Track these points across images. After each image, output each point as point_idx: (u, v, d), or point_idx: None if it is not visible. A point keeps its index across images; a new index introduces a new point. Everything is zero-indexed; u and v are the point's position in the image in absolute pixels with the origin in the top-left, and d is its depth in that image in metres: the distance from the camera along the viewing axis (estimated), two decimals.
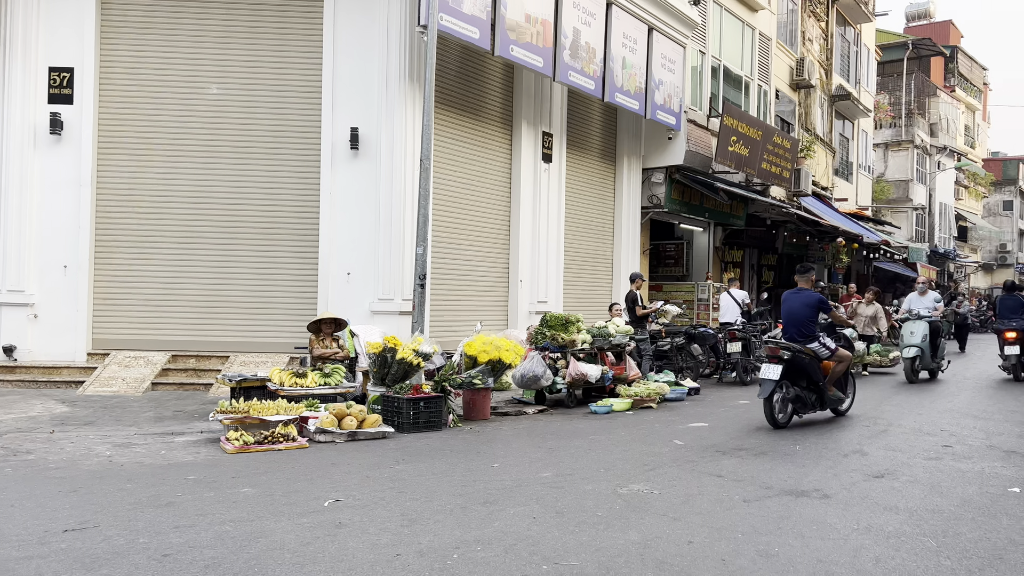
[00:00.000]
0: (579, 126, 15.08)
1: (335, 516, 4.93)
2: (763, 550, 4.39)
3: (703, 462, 6.73)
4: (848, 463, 6.76)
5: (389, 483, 5.83)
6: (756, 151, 17.67)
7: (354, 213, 11.03)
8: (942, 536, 4.71)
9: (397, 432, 7.85)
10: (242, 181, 11.29)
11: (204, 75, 11.29)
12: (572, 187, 14.78)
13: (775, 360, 8.39)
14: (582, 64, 13.03)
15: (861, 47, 28.65)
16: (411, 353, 8.52)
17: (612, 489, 5.71)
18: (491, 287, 13.11)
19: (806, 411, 8.79)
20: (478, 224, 12.77)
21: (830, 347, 8.78)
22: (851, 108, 27.22)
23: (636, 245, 16.53)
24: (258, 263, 11.29)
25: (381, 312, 10.84)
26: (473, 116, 12.60)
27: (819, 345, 8.69)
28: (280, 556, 4.18)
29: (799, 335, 8.68)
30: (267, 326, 11.23)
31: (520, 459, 6.81)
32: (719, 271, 19.35)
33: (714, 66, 18.19)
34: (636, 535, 4.62)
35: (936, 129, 38.40)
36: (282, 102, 11.30)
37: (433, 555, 4.23)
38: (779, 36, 21.59)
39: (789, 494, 5.66)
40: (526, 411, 9.50)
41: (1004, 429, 8.66)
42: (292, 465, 6.43)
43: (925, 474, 6.38)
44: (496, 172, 13.15)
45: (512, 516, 4.98)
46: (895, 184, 35.35)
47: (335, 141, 11.04)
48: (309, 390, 8.33)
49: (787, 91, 22.45)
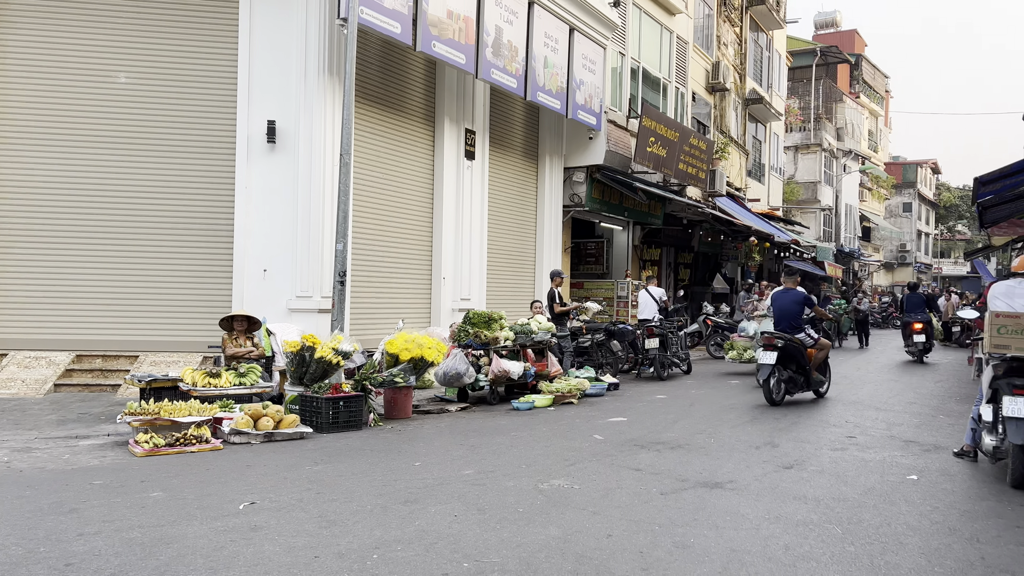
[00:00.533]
0: (502, 124, 15.12)
1: (250, 519, 4.80)
2: (679, 541, 4.50)
3: (622, 456, 6.84)
4: (760, 455, 6.99)
5: (307, 484, 5.72)
6: (673, 152, 18.07)
7: (271, 208, 10.76)
8: (847, 523, 4.93)
9: (316, 432, 7.71)
10: (152, 173, 10.86)
11: (111, 63, 10.81)
12: (495, 185, 14.81)
13: (771, 348, 9.75)
14: (504, 62, 13.06)
15: (773, 53, 29.67)
16: (330, 352, 8.38)
17: (533, 485, 5.75)
18: (413, 284, 13.01)
19: (795, 391, 10.24)
20: (400, 221, 12.65)
21: (814, 337, 10.42)
22: (763, 112, 28.14)
23: (558, 243, 16.68)
24: (169, 259, 10.89)
25: (299, 310, 10.61)
26: (395, 111, 12.47)
27: (805, 335, 10.21)
28: (192, 561, 4.05)
29: (788, 327, 10.14)
30: (179, 324, 10.84)
31: (442, 457, 6.78)
32: (638, 269, 19.72)
33: (633, 68, 18.52)
34: (556, 530, 4.66)
35: (842, 133, 40.11)
36: (195, 93, 10.92)
37: (352, 556, 4.17)
38: (696, 40, 22.15)
39: (704, 486, 5.82)
40: (449, 409, 9.47)
41: (903, 420, 9.13)
42: (205, 467, 6.24)
43: (831, 464, 6.66)
44: (418, 168, 13.05)
45: (433, 514, 4.95)
46: (804, 186, 36.75)
47: (251, 134, 10.74)
48: (223, 390, 8.09)
49: (703, 94, 23.04)
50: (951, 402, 10.72)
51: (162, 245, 10.88)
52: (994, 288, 6.97)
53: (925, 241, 61.07)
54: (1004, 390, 5.98)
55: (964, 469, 6.55)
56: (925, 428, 8.59)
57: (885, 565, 4.19)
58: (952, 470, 6.51)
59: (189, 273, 10.91)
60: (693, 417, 9.11)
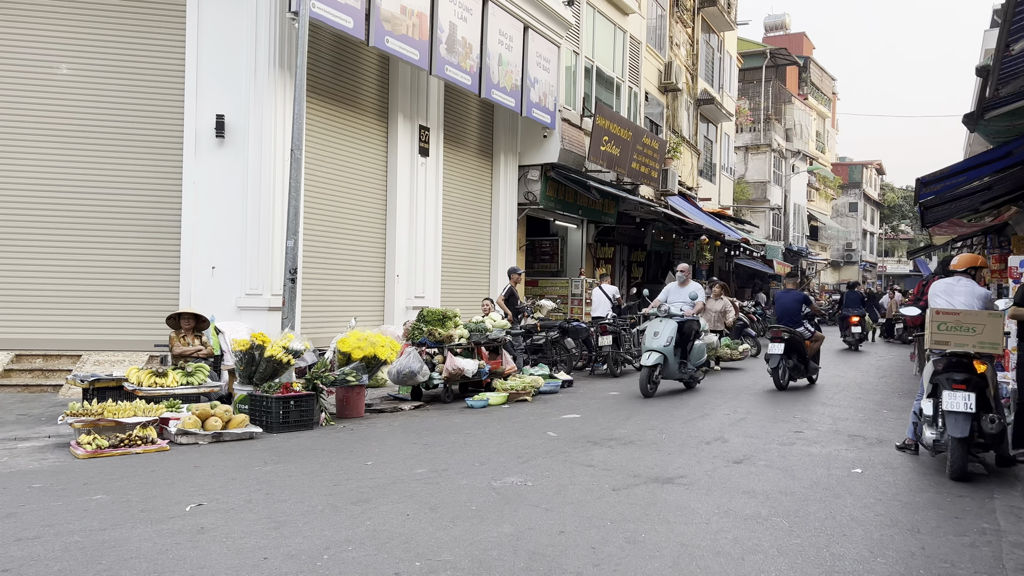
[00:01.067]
0: (456, 121, 15.06)
1: (197, 521, 4.71)
2: (631, 536, 4.53)
3: (575, 452, 6.88)
4: (710, 450, 7.09)
5: (256, 485, 5.63)
6: (627, 151, 18.22)
7: (220, 204, 10.54)
8: (794, 516, 5.02)
9: (266, 432, 7.59)
10: (95, 167, 10.56)
11: (52, 53, 10.48)
12: (449, 182, 14.75)
13: (778, 340, 11.17)
14: (459, 59, 13.02)
15: (724, 54, 30.12)
16: (281, 350, 8.26)
17: (487, 482, 5.74)
18: (366, 282, 12.89)
19: (797, 377, 11.67)
20: (353, 217, 12.51)
21: (811, 330, 11.83)
22: (715, 112, 28.56)
23: (513, 241, 16.70)
24: (113, 256, 10.60)
25: (249, 308, 10.43)
26: (348, 107, 12.33)
27: (804, 329, 11.64)
28: (136, 566, 3.95)
29: (790, 322, 11.60)
30: (124, 323, 10.57)
31: (395, 456, 6.73)
32: (592, 267, 19.85)
33: (587, 67, 18.62)
34: (510, 527, 4.66)
35: (791, 134, 40.93)
36: (140, 85, 10.65)
37: (302, 557, 4.11)
38: (649, 40, 22.36)
39: (655, 481, 5.88)
40: (402, 407, 9.41)
41: (848, 415, 9.35)
42: (151, 469, 6.10)
43: (779, 458, 6.78)
44: (371, 165, 12.93)
45: (385, 514, 4.91)
46: (754, 185, 37.42)
47: (199, 128, 10.51)
48: (170, 390, 7.92)
49: (656, 94, 23.28)
50: (894, 397, 11.02)
51: (106, 241, 10.59)
52: (934, 286, 7.18)
53: (870, 240, 62.68)
54: (944, 385, 6.16)
55: (906, 462, 6.73)
56: (869, 422, 8.81)
57: (831, 556, 4.28)
58: (895, 463, 6.69)
59: (134, 270, 10.64)
60: (645, 413, 9.20)
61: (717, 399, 10.32)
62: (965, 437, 5.96)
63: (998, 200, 15.81)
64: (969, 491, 5.77)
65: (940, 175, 11.32)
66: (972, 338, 6.22)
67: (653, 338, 10.63)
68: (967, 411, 5.95)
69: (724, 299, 15.88)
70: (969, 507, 5.34)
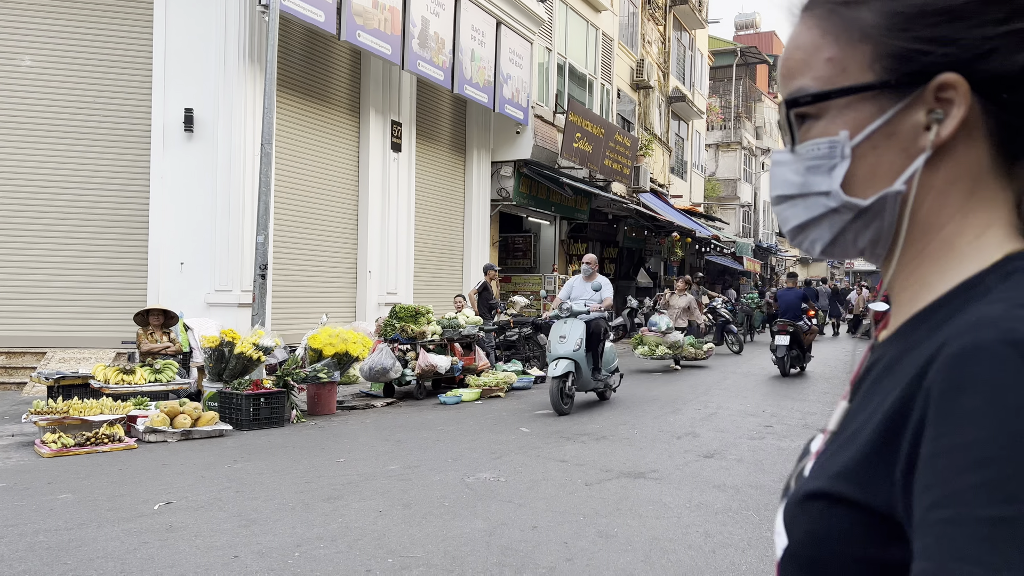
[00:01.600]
0: (429, 117, 15.00)
1: (166, 519, 4.65)
2: (603, 531, 4.56)
3: (548, 448, 6.89)
4: (681, 444, 7.15)
5: (226, 482, 5.57)
6: (599, 148, 18.29)
7: (189, 199, 10.40)
8: (764, 510, 5.08)
9: (236, 430, 7.52)
10: (60, 161, 10.37)
11: (14, 45, 10.26)
12: (422, 177, 14.69)
13: (784, 332, 12.58)
14: (431, 54, 12.96)
15: (696, 52, 30.32)
16: (251, 347, 8.18)
17: (460, 479, 5.74)
18: (338, 278, 12.80)
19: (796, 365, 13.11)
20: (324, 213, 12.42)
21: (809, 324, 13.26)
22: (686, 110, 28.75)
23: (486, 237, 16.68)
24: (79, 251, 10.42)
25: (218, 304, 10.31)
26: (319, 102, 12.22)
27: (803, 323, 12.99)
28: (103, 565, 3.89)
29: (793, 317, 12.92)
30: (90, 320, 10.39)
31: (367, 453, 6.70)
32: (565, 263, 19.90)
33: (560, 63, 18.64)
34: (482, 523, 4.66)
35: (761, 132, 41.35)
36: (106, 78, 10.47)
37: (273, 555, 4.07)
38: (621, 37, 22.44)
39: (627, 476, 5.91)
40: (374, 404, 9.36)
41: (817, 409, 9.48)
42: (118, 468, 6.00)
43: (749, 453, 6.86)
44: (343, 160, 12.84)
45: (357, 511, 4.89)
46: (724, 183, 37.75)
47: (167, 122, 10.36)
48: (138, 387, 7.81)
49: (628, 91, 23.38)
50: None
51: (71, 237, 10.40)
52: None
53: None
54: None
55: None
56: None
57: None
58: None
59: (101, 266, 10.46)
60: (617, 408, 9.25)
61: (689, 394, 10.40)
62: None
63: None
64: None
65: None
66: None
67: (559, 343, 8.82)
68: None
69: (688, 295, 15.20)
70: None
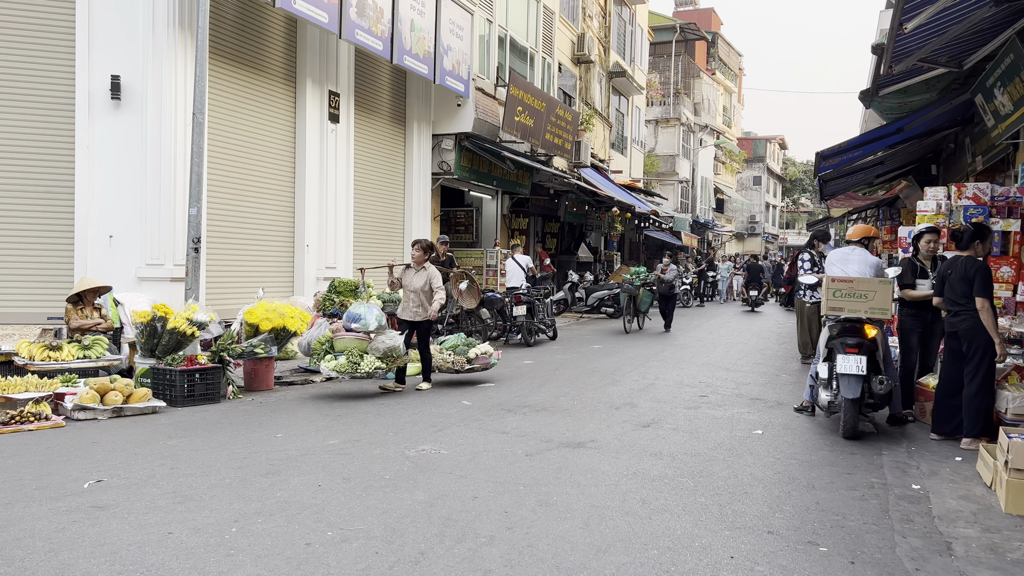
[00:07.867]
0: (368, 87, 14.73)
1: (97, 498, 4.53)
2: (543, 500, 4.61)
3: (489, 420, 6.93)
4: (620, 415, 7.27)
5: (160, 459, 5.45)
6: (540, 122, 18.26)
7: (117, 170, 10.02)
8: (699, 476, 5.22)
9: (170, 406, 7.35)
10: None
11: None
12: (361, 150, 14.45)
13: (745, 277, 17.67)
14: (370, 23, 12.70)
15: (636, 27, 30.43)
16: (184, 322, 7.97)
17: (400, 452, 5.73)
18: (275, 252, 12.54)
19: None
20: (260, 185, 12.12)
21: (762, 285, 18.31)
22: (626, 85, 28.89)
23: (427, 211, 16.53)
24: (1, 224, 9.96)
25: (150, 278, 10.00)
26: (254, 70, 11.88)
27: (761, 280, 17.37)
28: (31, 544, 3.77)
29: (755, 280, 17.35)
30: (13, 295, 9.97)
31: (306, 428, 6.63)
32: (507, 238, 19.89)
33: (501, 36, 18.49)
34: (423, 495, 4.67)
35: (699, 108, 41.86)
36: (25, 41, 9.95)
37: (209, 531, 4.01)
38: (562, 11, 22.36)
39: (567, 446, 5.99)
40: (313, 379, 9.25)
41: (750, 379, 9.74)
42: (46, 446, 5.82)
43: (685, 422, 7.02)
44: (279, 131, 12.53)
45: (296, 486, 4.84)
46: (663, 158, 38.18)
47: (92, 89, 9.93)
48: (65, 364, 7.55)
49: (569, 65, 23.36)
50: (793, 362, 11.54)
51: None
52: (830, 255, 7.52)
53: (772, 213, 65.01)
54: (838, 349, 6.49)
55: (803, 423, 7.08)
56: (770, 386, 9.20)
57: (732, 513, 4.47)
58: (793, 424, 7.02)
59: (24, 239, 10.02)
60: (558, 381, 9.34)
61: (627, 365, 10.56)
62: (856, 398, 6.31)
63: (890, 174, 16.62)
64: (860, 448, 6.11)
65: (837, 149, 11.82)
66: (864, 304, 6.56)
67: None
68: (858, 373, 6.28)
69: (430, 267, 9.15)
70: (860, 463, 5.66)
